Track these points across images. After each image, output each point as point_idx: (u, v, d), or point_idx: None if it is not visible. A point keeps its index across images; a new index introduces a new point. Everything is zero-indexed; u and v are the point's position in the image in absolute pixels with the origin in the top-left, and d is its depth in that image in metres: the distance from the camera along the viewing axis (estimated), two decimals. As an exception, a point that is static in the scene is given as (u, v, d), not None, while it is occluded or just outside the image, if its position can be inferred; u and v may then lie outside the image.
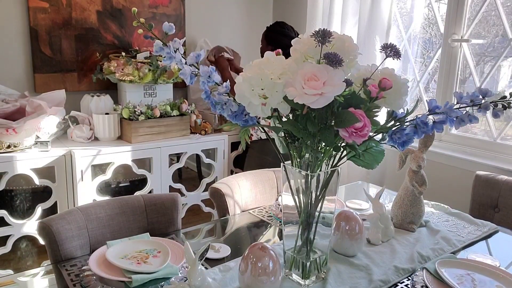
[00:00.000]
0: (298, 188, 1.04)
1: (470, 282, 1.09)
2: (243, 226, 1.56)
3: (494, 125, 2.29)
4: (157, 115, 2.53)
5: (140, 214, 1.42)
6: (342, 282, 1.10)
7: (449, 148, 2.39)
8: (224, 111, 0.99)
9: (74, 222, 1.28)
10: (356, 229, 1.23)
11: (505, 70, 2.31)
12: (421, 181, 1.40)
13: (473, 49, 2.36)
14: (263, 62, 0.90)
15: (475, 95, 0.94)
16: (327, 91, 0.83)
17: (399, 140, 0.96)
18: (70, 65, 2.65)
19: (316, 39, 0.87)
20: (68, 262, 1.21)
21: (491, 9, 2.28)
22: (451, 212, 1.61)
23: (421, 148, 1.39)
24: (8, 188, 2.28)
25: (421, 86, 2.62)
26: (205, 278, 0.93)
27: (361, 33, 2.60)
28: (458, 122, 0.95)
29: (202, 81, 0.96)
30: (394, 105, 0.94)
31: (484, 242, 1.41)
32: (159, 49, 0.94)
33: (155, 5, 2.94)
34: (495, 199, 1.77)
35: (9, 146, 2.14)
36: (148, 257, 1.14)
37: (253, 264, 0.98)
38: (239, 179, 1.74)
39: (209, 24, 3.26)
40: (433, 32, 2.61)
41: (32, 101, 2.19)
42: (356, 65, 0.95)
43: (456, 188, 2.29)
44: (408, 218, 1.43)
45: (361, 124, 0.86)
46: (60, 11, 2.57)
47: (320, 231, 1.10)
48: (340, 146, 0.96)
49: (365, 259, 1.22)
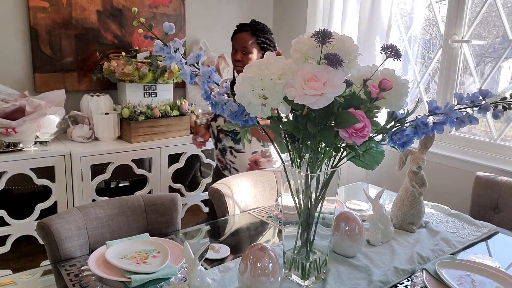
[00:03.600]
0: (298, 189, 1.04)
1: (469, 283, 1.09)
2: (243, 227, 1.56)
3: (494, 126, 2.29)
4: (157, 115, 2.53)
5: (140, 214, 1.42)
6: (342, 283, 1.10)
7: (449, 149, 2.39)
8: (224, 111, 0.99)
9: (74, 222, 1.28)
10: (356, 230, 1.22)
11: (505, 71, 2.31)
12: (421, 182, 1.40)
13: (473, 50, 2.36)
14: (263, 62, 0.90)
15: (475, 96, 0.94)
16: (327, 92, 0.82)
17: (399, 141, 0.96)
18: (70, 64, 2.65)
19: (316, 39, 0.87)
20: (67, 262, 1.21)
21: (491, 10, 2.28)
22: (451, 213, 1.61)
23: (421, 149, 1.39)
24: (8, 188, 2.28)
25: (421, 87, 2.62)
26: (204, 279, 0.93)
27: (361, 33, 2.60)
28: (458, 123, 0.95)
29: (202, 81, 0.96)
30: (394, 106, 0.94)
31: (484, 243, 1.41)
32: (159, 49, 0.94)
33: (155, 5, 2.94)
34: (495, 200, 1.77)
35: (8, 146, 2.13)
36: (147, 257, 1.14)
37: (252, 264, 0.98)
38: (239, 179, 1.73)
39: (209, 24, 3.26)
40: (434, 33, 2.61)
41: (32, 100, 2.19)
42: (357, 66, 0.95)
43: (456, 189, 2.28)
44: (408, 219, 1.42)
45: (361, 124, 0.86)
46: (60, 11, 2.57)
47: (320, 231, 1.10)
48: (340, 147, 0.96)
49: (365, 260, 1.22)
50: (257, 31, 1.90)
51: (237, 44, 1.91)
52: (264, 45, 1.92)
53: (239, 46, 1.90)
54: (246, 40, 1.89)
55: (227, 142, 2.00)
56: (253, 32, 1.90)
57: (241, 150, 1.97)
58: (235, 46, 1.93)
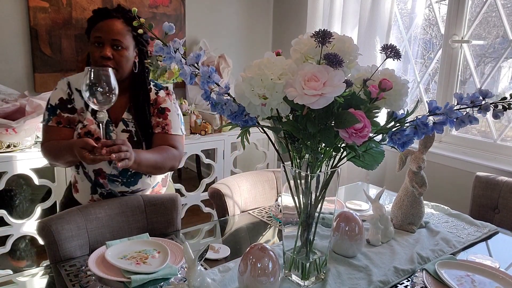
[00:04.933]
0: (298, 189, 1.04)
1: (469, 283, 1.09)
2: (243, 227, 1.56)
3: (494, 126, 2.29)
4: (157, 115, 2.53)
5: (140, 214, 1.42)
6: (342, 283, 1.10)
7: (449, 149, 2.39)
8: (224, 111, 0.99)
9: (74, 222, 1.28)
10: (356, 230, 1.22)
11: (505, 71, 2.31)
12: (421, 182, 1.40)
13: (473, 50, 2.36)
14: (263, 62, 0.90)
15: (475, 96, 0.94)
16: (327, 92, 0.82)
17: (399, 141, 0.96)
18: (70, 64, 2.65)
19: (316, 39, 0.87)
20: (67, 262, 1.21)
21: (491, 10, 2.28)
22: (451, 213, 1.61)
23: (421, 149, 1.39)
24: (8, 188, 2.28)
25: (421, 87, 2.62)
26: (204, 279, 0.93)
27: (361, 33, 2.60)
28: (458, 123, 0.95)
29: (202, 81, 0.96)
30: (394, 106, 0.94)
31: (484, 243, 1.41)
32: (159, 49, 0.94)
33: (155, 5, 2.94)
34: (495, 200, 1.77)
35: (8, 146, 2.14)
36: (147, 257, 1.14)
37: (252, 264, 0.98)
38: (239, 179, 1.74)
39: (209, 24, 3.26)
40: (434, 33, 2.61)
41: (32, 100, 2.19)
42: (356, 66, 0.95)
43: (456, 189, 2.28)
44: (408, 219, 1.42)
45: (361, 125, 0.86)
46: (60, 11, 2.57)
47: (320, 232, 1.10)
48: (340, 147, 0.96)
49: (365, 260, 1.22)
50: (131, 20, 1.42)
51: (105, 35, 1.40)
52: (140, 39, 1.48)
53: (107, 38, 1.40)
54: (119, 30, 1.41)
55: (116, 187, 1.49)
56: (126, 20, 1.44)
57: (140, 189, 1.53)
58: (101, 37, 1.41)
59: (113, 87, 1.19)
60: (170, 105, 1.55)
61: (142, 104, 1.50)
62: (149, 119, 1.51)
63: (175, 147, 1.51)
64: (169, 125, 1.52)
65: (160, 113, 1.52)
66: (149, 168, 1.42)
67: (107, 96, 1.18)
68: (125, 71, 1.47)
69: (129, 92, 1.52)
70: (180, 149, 1.53)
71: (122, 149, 1.22)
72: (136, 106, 1.50)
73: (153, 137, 1.51)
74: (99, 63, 1.41)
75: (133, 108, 1.50)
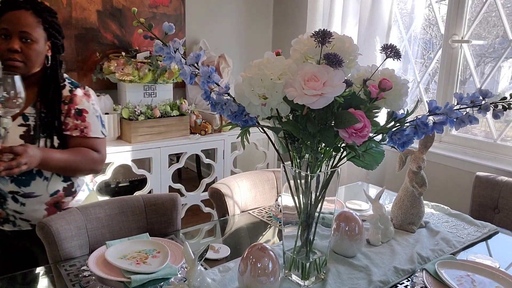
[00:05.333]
0: (298, 189, 1.04)
1: (469, 283, 1.09)
2: (243, 227, 1.56)
3: (494, 126, 2.29)
4: (157, 115, 2.53)
5: (140, 214, 1.42)
6: (342, 283, 1.10)
7: (449, 149, 2.39)
8: (224, 111, 0.99)
9: (74, 222, 1.28)
10: (356, 230, 1.22)
11: (505, 71, 2.31)
12: (421, 182, 1.40)
13: (473, 50, 2.36)
14: (263, 62, 0.90)
15: (475, 96, 0.94)
16: (327, 92, 0.82)
17: (399, 141, 0.96)
18: (70, 64, 2.65)
19: (316, 39, 0.87)
20: (67, 262, 1.21)
21: (491, 10, 2.28)
22: (451, 213, 1.61)
23: (421, 149, 1.39)
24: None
25: (421, 87, 2.62)
26: (204, 279, 0.93)
27: (361, 33, 2.60)
28: (458, 123, 0.95)
29: (202, 81, 0.96)
30: (394, 106, 0.94)
31: (484, 243, 1.41)
32: (159, 49, 0.94)
33: (155, 5, 2.94)
34: (495, 200, 1.77)
35: (8, 146, 2.13)
36: (147, 257, 1.14)
37: (252, 264, 0.98)
38: (239, 179, 1.74)
39: (209, 24, 3.26)
40: (434, 33, 2.61)
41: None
42: (356, 66, 0.95)
43: (456, 189, 2.28)
44: (408, 219, 1.42)
45: (361, 124, 0.86)
46: (60, 11, 2.57)
47: (320, 231, 1.10)
48: (340, 147, 0.96)
49: (365, 260, 1.22)
50: (42, 11, 1.36)
51: (12, 27, 1.31)
52: (52, 32, 1.40)
53: (14, 30, 1.31)
54: (28, 22, 1.33)
55: (4, 186, 1.39)
56: (37, 12, 1.35)
57: (34, 194, 1.40)
58: (8, 29, 1.32)
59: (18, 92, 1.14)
60: (88, 107, 1.46)
61: (52, 100, 1.41)
62: (58, 115, 1.42)
63: (96, 150, 1.45)
64: (88, 127, 1.44)
65: (77, 115, 1.43)
66: (59, 168, 1.37)
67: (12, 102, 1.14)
68: (35, 65, 1.38)
69: (38, 87, 1.42)
70: (102, 152, 1.47)
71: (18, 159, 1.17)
72: (46, 102, 1.41)
73: (72, 140, 1.43)
74: (5, 56, 1.32)
75: (40, 104, 1.41)
